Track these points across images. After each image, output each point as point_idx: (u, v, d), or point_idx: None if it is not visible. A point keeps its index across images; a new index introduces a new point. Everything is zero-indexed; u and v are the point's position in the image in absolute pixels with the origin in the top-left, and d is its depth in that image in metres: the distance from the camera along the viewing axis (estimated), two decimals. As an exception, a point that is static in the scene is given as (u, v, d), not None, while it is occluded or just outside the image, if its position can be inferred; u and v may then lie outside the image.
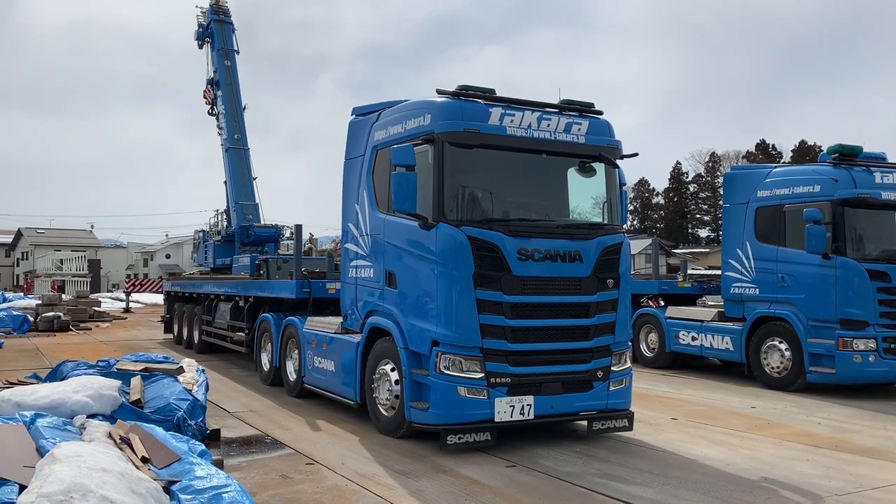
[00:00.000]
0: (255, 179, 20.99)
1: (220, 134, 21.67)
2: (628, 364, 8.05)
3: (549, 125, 7.73)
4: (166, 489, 4.56)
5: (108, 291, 52.56)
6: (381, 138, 8.36)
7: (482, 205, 7.59)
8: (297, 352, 10.57)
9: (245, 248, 19.58)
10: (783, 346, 11.66)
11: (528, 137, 7.60)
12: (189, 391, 7.56)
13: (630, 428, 7.99)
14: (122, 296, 35.98)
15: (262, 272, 15.18)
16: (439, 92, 7.71)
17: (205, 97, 22.51)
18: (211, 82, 22.19)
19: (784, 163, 53.27)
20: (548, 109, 7.87)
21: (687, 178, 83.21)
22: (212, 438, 7.48)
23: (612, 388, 7.80)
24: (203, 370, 8.89)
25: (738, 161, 71.97)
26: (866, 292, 10.82)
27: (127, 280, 50.37)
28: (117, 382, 7.05)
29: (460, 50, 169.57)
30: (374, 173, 8.44)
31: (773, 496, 6.15)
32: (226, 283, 15.40)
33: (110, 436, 5.49)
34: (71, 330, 22.54)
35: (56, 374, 8.08)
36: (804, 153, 66.48)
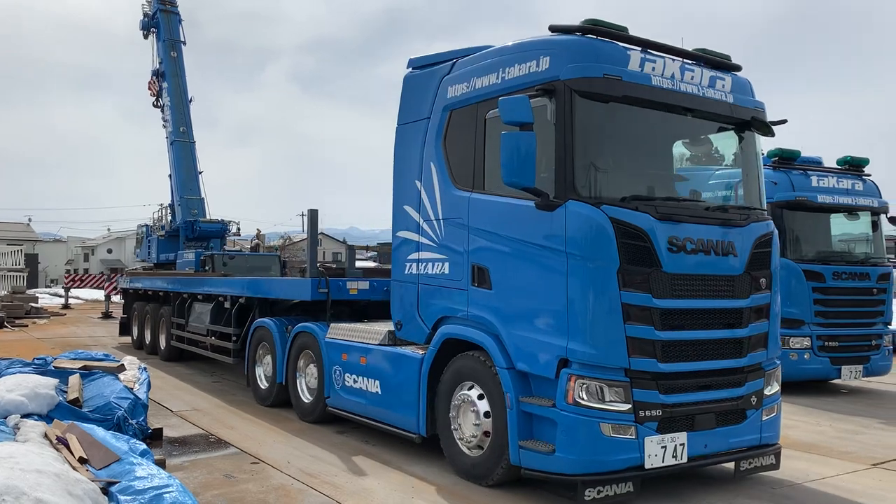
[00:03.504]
0: (200, 173, 20.74)
1: (165, 126, 21.28)
2: (778, 387, 6.54)
3: (693, 77, 6.12)
4: (105, 490, 4.45)
5: (47, 287, 50.95)
6: (461, 93, 6.69)
7: (621, 178, 5.94)
8: (313, 366, 8.63)
9: (190, 243, 19.29)
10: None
11: (674, 91, 5.97)
12: (130, 389, 7.37)
13: (777, 466, 6.45)
14: (62, 291, 34.92)
15: (207, 268, 14.93)
16: (554, 29, 5.96)
17: (150, 89, 22.09)
18: (156, 73, 21.78)
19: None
20: (686, 60, 6.25)
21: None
22: (154, 438, 7.30)
23: (764, 418, 6.29)
24: (145, 368, 8.70)
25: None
26: (803, 292, 11.18)
27: (66, 275, 48.83)
28: (54, 381, 6.83)
29: (409, 45, 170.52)
30: (448, 140, 6.80)
31: (712, 492, 6.31)
32: (208, 281, 12.63)
33: (46, 436, 5.34)
34: (6, 327, 21.75)
35: (-11, 373, 7.79)
36: (746, 156, 68.29)
